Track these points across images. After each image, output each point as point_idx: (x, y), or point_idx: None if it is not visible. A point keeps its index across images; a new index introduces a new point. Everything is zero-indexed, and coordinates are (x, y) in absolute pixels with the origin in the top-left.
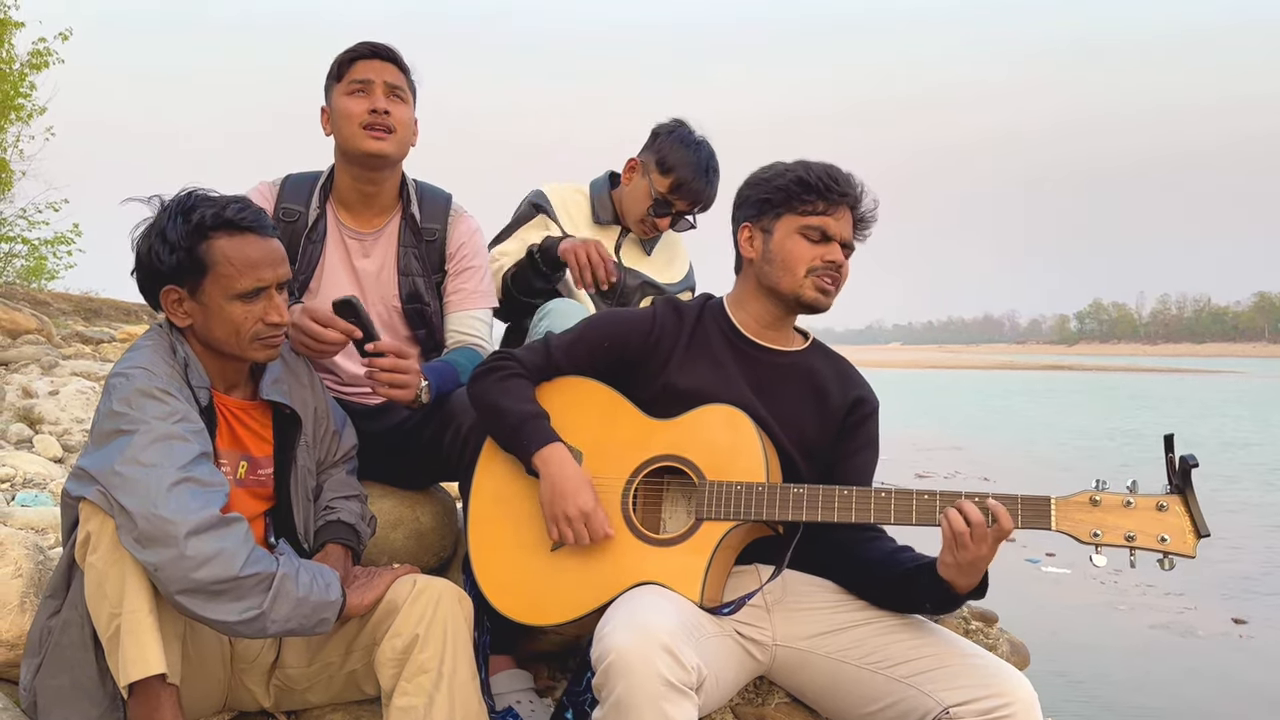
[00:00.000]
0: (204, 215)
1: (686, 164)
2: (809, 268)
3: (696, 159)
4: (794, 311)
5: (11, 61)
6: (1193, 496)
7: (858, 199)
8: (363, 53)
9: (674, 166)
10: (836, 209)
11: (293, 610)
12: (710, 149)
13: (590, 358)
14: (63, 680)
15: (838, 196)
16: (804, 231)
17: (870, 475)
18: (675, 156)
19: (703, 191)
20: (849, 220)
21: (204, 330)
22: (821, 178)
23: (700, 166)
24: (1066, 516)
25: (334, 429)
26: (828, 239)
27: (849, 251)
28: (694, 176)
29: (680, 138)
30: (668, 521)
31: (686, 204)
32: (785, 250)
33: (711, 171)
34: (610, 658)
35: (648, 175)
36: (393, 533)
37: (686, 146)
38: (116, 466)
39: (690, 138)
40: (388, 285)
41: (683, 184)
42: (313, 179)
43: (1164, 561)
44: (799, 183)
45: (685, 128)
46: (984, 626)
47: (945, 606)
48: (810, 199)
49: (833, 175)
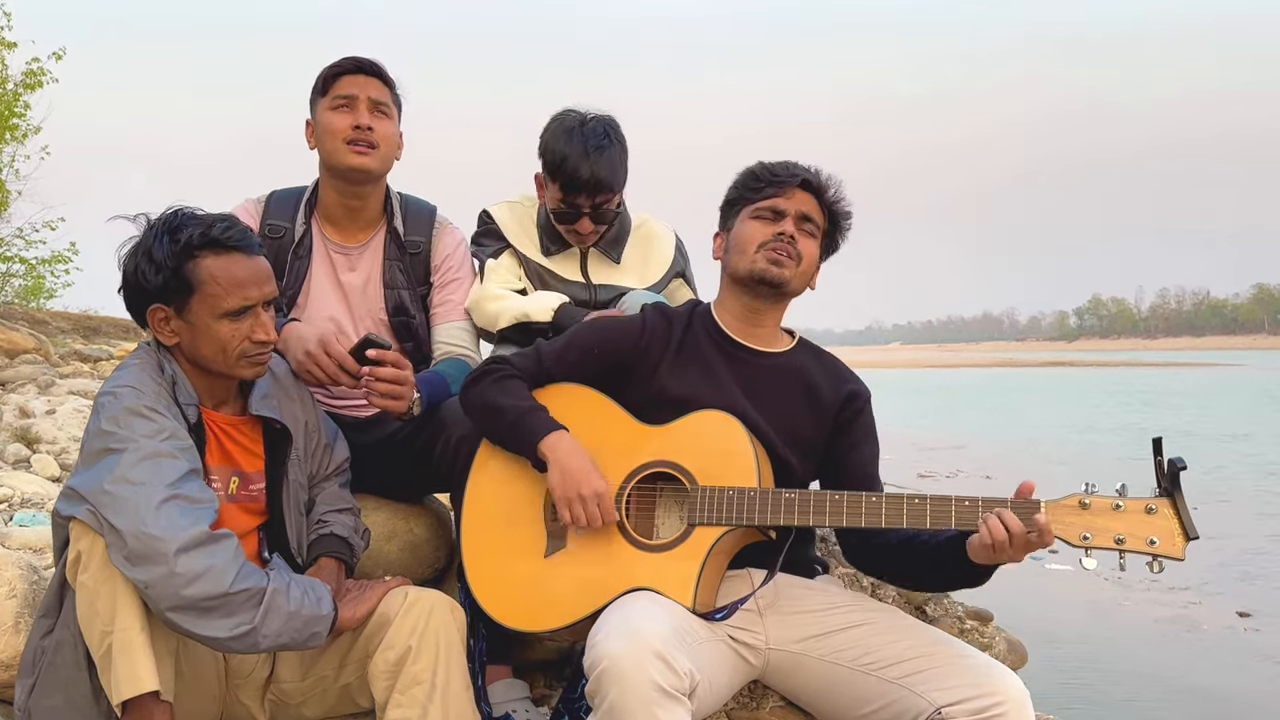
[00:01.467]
0: (190, 234)
1: (568, 157)
2: (760, 243)
3: (578, 147)
4: (759, 295)
5: (5, 81)
6: (1181, 499)
7: (812, 181)
8: (347, 68)
9: (557, 165)
10: (786, 189)
11: (284, 625)
12: (597, 124)
13: (581, 365)
14: (57, 700)
15: (786, 177)
16: (756, 214)
17: (875, 464)
18: (554, 154)
19: (596, 176)
20: (807, 200)
21: (191, 348)
22: (768, 166)
23: (583, 151)
24: (1057, 519)
25: (326, 442)
26: (780, 216)
27: (811, 227)
28: (579, 166)
29: (554, 132)
30: (661, 527)
31: (587, 198)
32: (740, 236)
33: (597, 150)
34: (603, 664)
35: (546, 187)
36: (387, 545)
37: (563, 137)
38: (105, 485)
39: (565, 125)
40: (374, 299)
41: (571, 179)
42: (298, 194)
43: (1153, 564)
44: (748, 175)
45: (562, 116)
46: (979, 625)
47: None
48: (758, 186)
49: (781, 163)
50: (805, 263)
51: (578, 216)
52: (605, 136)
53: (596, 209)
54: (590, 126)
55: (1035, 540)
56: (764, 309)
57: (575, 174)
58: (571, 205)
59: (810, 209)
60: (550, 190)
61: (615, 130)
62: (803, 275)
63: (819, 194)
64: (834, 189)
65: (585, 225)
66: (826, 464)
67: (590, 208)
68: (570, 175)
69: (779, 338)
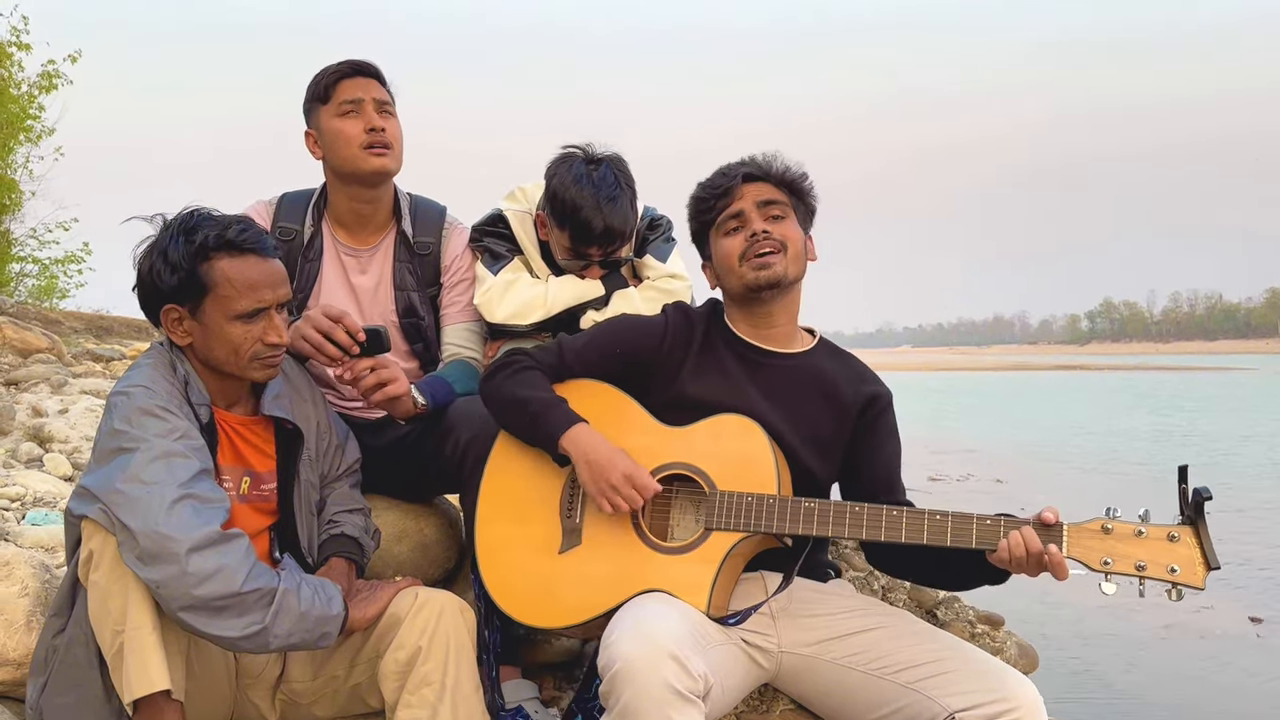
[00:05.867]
0: (206, 236)
1: (581, 209)
2: (739, 255)
3: (589, 199)
4: (763, 299)
5: (20, 84)
6: (1204, 528)
7: (751, 170)
8: (346, 72)
9: (567, 215)
10: (732, 193)
11: (295, 625)
12: (607, 171)
13: (601, 363)
14: (68, 698)
15: (727, 182)
16: (722, 231)
17: (899, 464)
18: (565, 203)
19: (609, 227)
20: (758, 188)
21: (203, 349)
22: (703, 185)
23: (595, 204)
24: (1078, 543)
25: (337, 443)
26: (742, 219)
27: (777, 209)
28: (591, 219)
29: (563, 179)
30: (676, 529)
31: (599, 249)
32: (720, 257)
33: (610, 201)
34: (617, 665)
35: (552, 231)
36: (397, 545)
37: (572, 186)
38: (118, 484)
39: (574, 172)
40: (385, 301)
41: (584, 231)
42: (307, 196)
43: (1171, 592)
44: (695, 202)
45: (569, 160)
46: (990, 630)
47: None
48: (708, 204)
49: (715, 172)
50: (792, 246)
51: (588, 264)
52: (616, 185)
53: (607, 256)
54: (600, 174)
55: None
56: (772, 309)
57: (588, 226)
58: (581, 255)
59: (765, 193)
60: (557, 236)
61: (624, 174)
62: (795, 259)
63: (766, 176)
64: (775, 164)
65: (594, 271)
66: (848, 466)
67: (601, 256)
68: (583, 227)
69: (796, 337)
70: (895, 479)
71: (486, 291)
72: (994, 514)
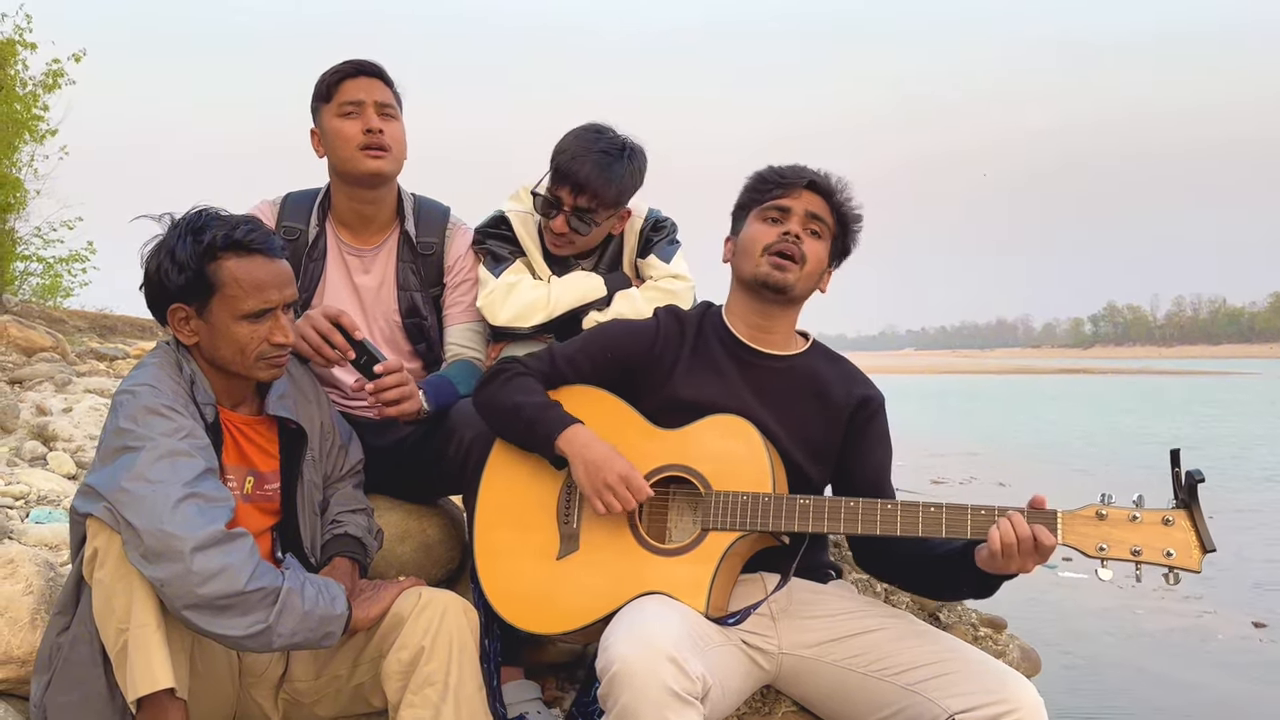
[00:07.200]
0: (214, 236)
1: (574, 153)
2: (765, 245)
3: (586, 146)
4: (765, 300)
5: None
6: (1199, 511)
7: (819, 182)
8: (349, 72)
9: (558, 153)
10: (792, 190)
11: (299, 624)
12: (618, 139)
13: (593, 368)
14: (72, 696)
15: (793, 179)
16: (763, 216)
17: (888, 470)
18: (563, 147)
19: (588, 176)
20: (815, 200)
21: (210, 349)
22: (775, 169)
23: (587, 151)
24: (1073, 530)
25: (341, 443)
26: (786, 216)
27: (818, 227)
28: (576, 160)
29: (574, 131)
30: (673, 531)
31: (570, 194)
32: (747, 238)
33: (603, 155)
34: (615, 668)
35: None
36: (400, 545)
37: (579, 135)
38: (123, 483)
39: (589, 129)
40: (388, 301)
41: (564, 171)
42: (312, 196)
43: (1169, 576)
44: (756, 179)
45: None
46: (993, 633)
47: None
48: (766, 188)
49: (789, 165)
50: (811, 264)
51: (557, 211)
52: (620, 151)
53: (576, 210)
54: (609, 138)
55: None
56: (773, 313)
57: (569, 167)
58: (554, 196)
59: (818, 209)
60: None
61: (636, 155)
62: (808, 277)
63: (827, 195)
64: (842, 190)
65: (559, 223)
66: (839, 469)
67: (570, 206)
68: (564, 167)
69: (791, 341)
70: (885, 483)
71: (489, 294)
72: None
